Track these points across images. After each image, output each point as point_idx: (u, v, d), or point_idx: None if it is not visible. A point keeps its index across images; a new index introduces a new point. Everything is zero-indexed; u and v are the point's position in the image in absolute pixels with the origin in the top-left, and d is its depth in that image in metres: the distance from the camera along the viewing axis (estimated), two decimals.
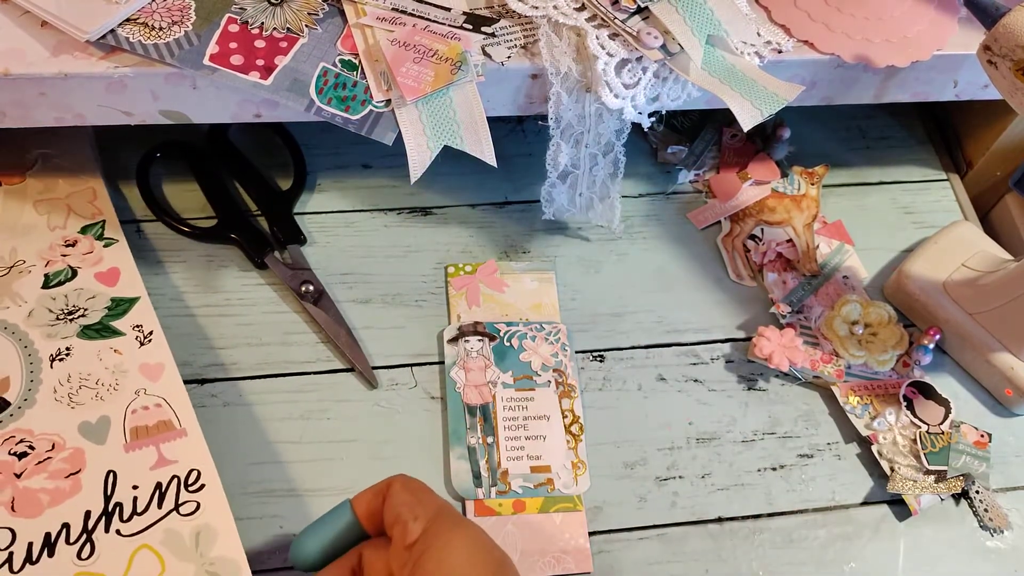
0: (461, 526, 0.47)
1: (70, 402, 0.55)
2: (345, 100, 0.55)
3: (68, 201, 0.64)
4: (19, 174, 0.65)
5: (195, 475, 0.53)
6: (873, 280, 0.71)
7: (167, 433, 0.54)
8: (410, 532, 0.47)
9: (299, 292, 0.65)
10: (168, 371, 0.57)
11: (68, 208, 0.63)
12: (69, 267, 0.60)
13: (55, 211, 0.63)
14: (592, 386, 0.64)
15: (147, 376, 0.56)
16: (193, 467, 0.53)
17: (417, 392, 0.63)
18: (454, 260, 0.69)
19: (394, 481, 0.49)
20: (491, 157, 0.56)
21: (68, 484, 0.52)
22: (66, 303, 0.59)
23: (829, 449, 0.63)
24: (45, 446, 0.53)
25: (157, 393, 0.56)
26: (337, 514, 0.51)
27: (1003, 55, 0.52)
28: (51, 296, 0.59)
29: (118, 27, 0.54)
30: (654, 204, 0.73)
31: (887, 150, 0.79)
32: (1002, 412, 0.66)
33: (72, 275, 0.60)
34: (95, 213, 0.64)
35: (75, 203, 0.64)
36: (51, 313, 0.58)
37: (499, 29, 0.58)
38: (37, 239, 0.62)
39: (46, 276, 0.60)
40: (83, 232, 0.62)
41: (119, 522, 0.51)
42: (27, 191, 0.64)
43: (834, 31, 0.60)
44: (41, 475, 0.52)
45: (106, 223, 0.63)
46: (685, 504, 0.60)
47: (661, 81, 0.58)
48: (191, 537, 0.51)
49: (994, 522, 0.61)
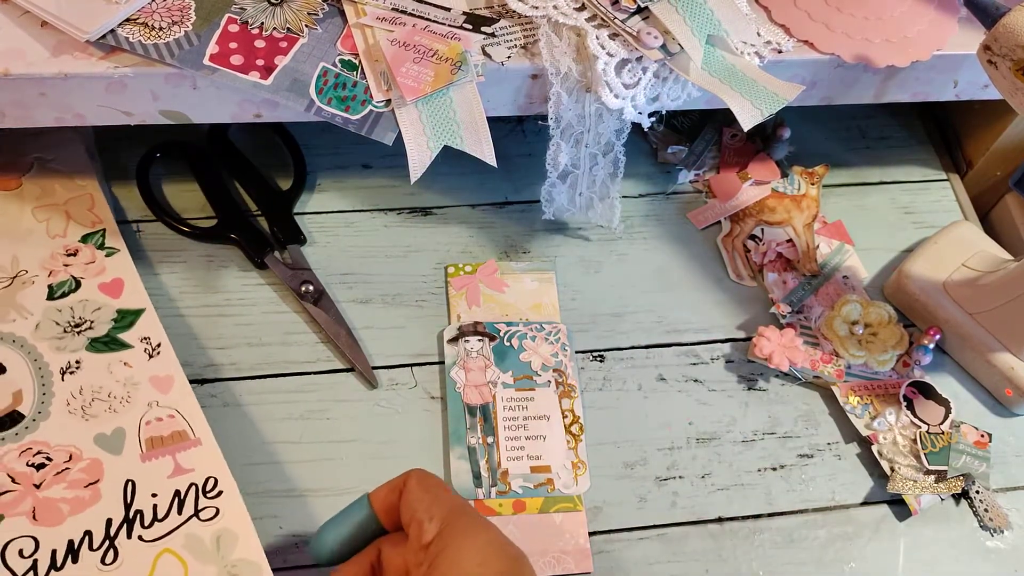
0: (476, 526, 0.47)
1: (84, 414, 0.55)
2: (345, 100, 0.55)
3: (67, 207, 0.64)
4: (15, 178, 0.65)
5: (212, 482, 0.54)
6: (873, 280, 0.71)
7: (182, 443, 0.55)
8: (425, 532, 0.47)
9: (299, 292, 0.65)
10: (178, 382, 0.57)
11: (67, 215, 0.63)
12: (72, 278, 0.60)
13: (54, 217, 0.63)
14: (592, 386, 0.64)
15: (158, 388, 0.56)
16: (210, 475, 0.54)
17: (417, 392, 0.63)
18: (454, 260, 0.69)
19: (410, 477, 0.50)
20: (491, 157, 0.56)
21: (88, 493, 0.52)
22: (72, 315, 0.59)
23: (829, 449, 0.63)
24: (62, 457, 0.54)
25: (169, 404, 0.56)
26: (355, 509, 0.51)
27: (1003, 55, 0.52)
28: (57, 308, 0.59)
29: (118, 27, 0.54)
30: (654, 204, 0.73)
31: (887, 150, 0.79)
32: (1002, 412, 0.66)
33: (76, 286, 0.60)
34: (95, 221, 0.63)
35: (74, 210, 0.64)
36: (58, 326, 0.58)
37: (499, 29, 0.58)
38: (38, 247, 0.61)
39: (50, 287, 0.60)
40: (84, 241, 0.62)
41: (140, 528, 0.52)
42: (24, 196, 0.64)
43: (834, 31, 0.60)
44: (60, 485, 0.53)
45: (106, 232, 0.63)
46: (685, 504, 0.60)
47: (661, 81, 0.58)
48: (212, 541, 0.52)
49: (994, 522, 0.61)
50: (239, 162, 0.71)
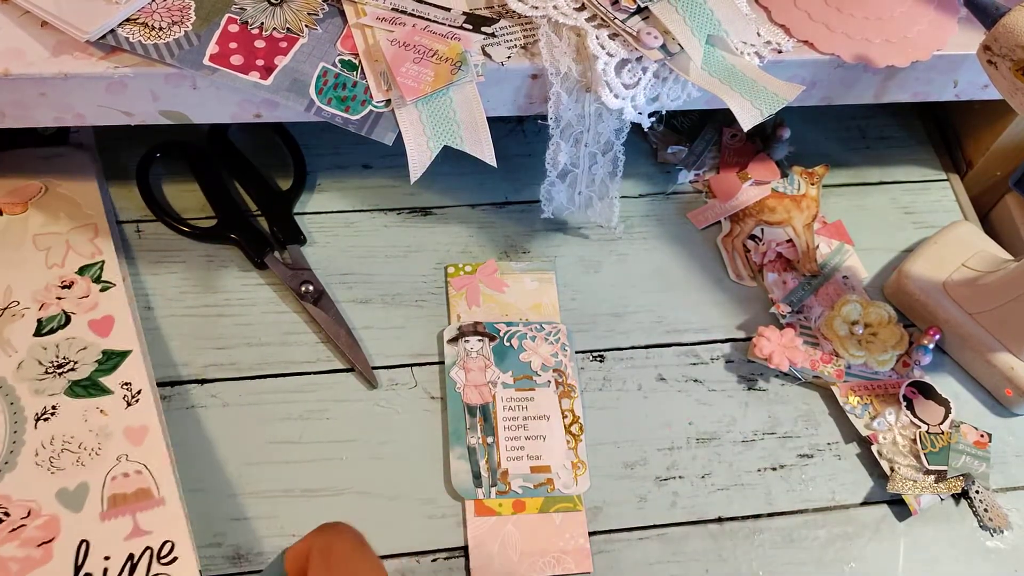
0: None
1: (51, 466, 0.54)
2: (345, 100, 0.55)
3: (68, 237, 0.63)
4: (23, 202, 0.64)
5: (168, 547, 0.52)
6: (873, 280, 0.71)
7: (145, 502, 0.53)
8: None
9: (299, 292, 0.65)
10: (152, 434, 0.56)
11: (68, 245, 0.62)
12: (63, 312, 0.59)
13: (55, 247, 0.62)
14: (592, 386, 0.64)
15: (131, 440, 0.55)
16: (168, 539, 0.52)
17: (417, 392, 0.63)
18: (454, 260, 0.69)
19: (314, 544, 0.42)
20: (491, 157, 0.56)
21: (39, 553, 0.51)
22: (57, 354, 0.58)
23: (829, 449, 0.63)
24: (21, 512, 0.52)
25: (139, 459, 0.55)
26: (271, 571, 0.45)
27: (1003, 55, 0.52)
28: (42, 345, 0.58)
29: (118, 27, 0.54)
30: (654, 204, 0.73)
31: (887, 150, 0.79)
32: (1002, 412, 0.66)
33: (66, 321, 0.59)
34: (94, 252, 0.62)
35: (75, 240, 0.63)
36: (41, 366, 0.57)
37: (499, 29, 0.58)
38: (33, 277, 0.60)
39: (39, 321, 0.59)
40: (81, 272, 0.61)
41: None
42: (28, 222, 0.63)
43: (834, 31, 0.60)
44: (13, 543, 0.51)
45: (105, 264, 0.62)
46: (685, 504, 0.60)
47: (661, 81, 0.58)
48: None
49: (994, 522, 0.61)
50: (239, 162, 0.71)
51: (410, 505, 0.58)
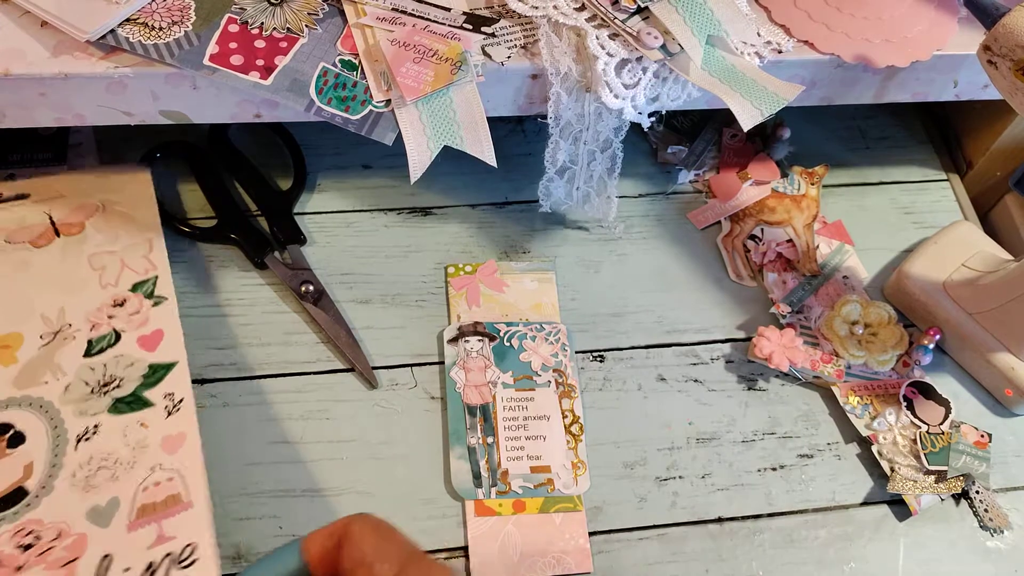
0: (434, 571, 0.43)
1: (86, 485, 0.53)
2: (345, 100, 0.55)
3: (123, 255, 0.62)
4: (79, 222, 0.63)
5: (189, 550, 0.52)
6: (873, 280, 0.71)
7: (173, 508, 0.53)
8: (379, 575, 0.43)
9: (299, 292, 0.65)
10: (189, 440, 0.55)
11: (122, 263, 0.61)
12: (114, 331, 0.58)
13: (109, 267, 0.61)
14: (592, 386, 0.64)
15: (167, 449, 0.55)
16: (191, 541, 0.52)
17: (417, 392, 0.63)
18: (454, 260, 0.69)
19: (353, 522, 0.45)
20: (491, 157, 0.56)
21: (63, 573, 0.51)
22: (104, 373, 0.57)
23: (829, 449, 0.63)
24: (51, 535, 0.52)
25: (172, 466, 0.54)
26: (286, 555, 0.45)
27: (1003, 55, 0.52)
28: (90, 366, 0.57)
29: (118, 27, 0.54)
30: (654, 204, 0.73)
31: (887, 150, 0.79)
32: (1002, 412, 0.66)
33: (116, 339, 0.58)
34: (148, 268, 0.61)
35: (129, 256, 0.62)
36: (87, 387, 0.56)
37: (499, 29, 0.58)
38: (88, 299, 0.60)
39: (89, 343, 0.58)
40: (134, 290, 0.60)
41: None
42: (85, 242, 0.62)
43: (834, 31, 0.60)
44: (40, 566, 0.51)
45: (158, 279, 0.61)
46: (685, 504, 0.60)
47: (661, 81, 0.58)
48: None
49: (994, 522, 0.61)
50: (239, 162, 0.72)
51: (410, 505, 0.58)
